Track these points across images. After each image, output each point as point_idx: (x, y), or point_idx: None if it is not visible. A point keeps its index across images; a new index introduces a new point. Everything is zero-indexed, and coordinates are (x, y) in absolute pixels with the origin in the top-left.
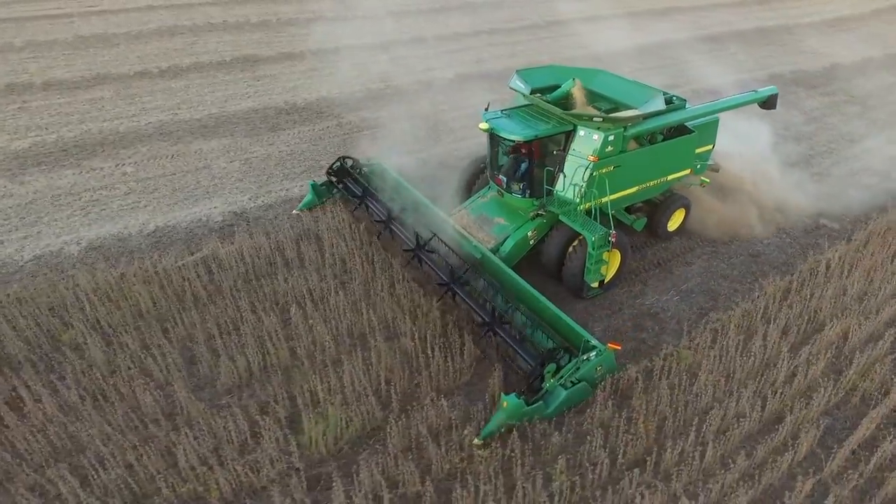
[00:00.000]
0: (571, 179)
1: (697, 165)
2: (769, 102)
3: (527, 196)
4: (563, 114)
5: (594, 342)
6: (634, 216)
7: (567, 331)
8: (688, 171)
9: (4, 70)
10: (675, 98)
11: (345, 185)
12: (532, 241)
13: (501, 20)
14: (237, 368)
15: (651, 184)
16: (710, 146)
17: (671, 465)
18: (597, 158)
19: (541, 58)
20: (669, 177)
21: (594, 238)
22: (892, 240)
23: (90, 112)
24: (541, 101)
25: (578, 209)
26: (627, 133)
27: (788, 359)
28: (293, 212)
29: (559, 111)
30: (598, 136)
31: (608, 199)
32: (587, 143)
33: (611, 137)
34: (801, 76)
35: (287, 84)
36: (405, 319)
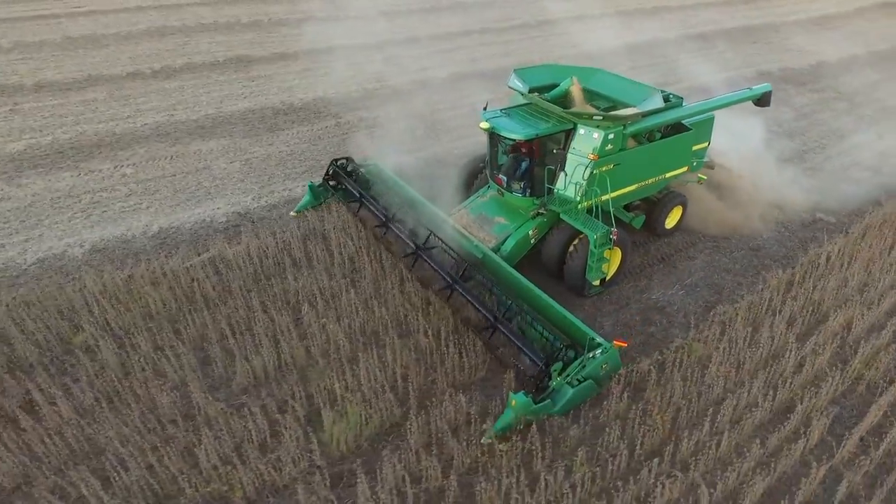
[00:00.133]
0: (572, 178)
1: (694, 163)
2: (763, 99)
3: (527, 195)
4: (564, 112)
5: (599, 340)
6: (633, 214)
7: (572, 329)
8: (685, 169)
9: None
10: (672, 96)
11: (343, 187)
12: (533, 240)
13: (492, 20)
14: (252, 368)
15: (650, 181)
16: (706, 143)
17: (688, 455)
18: (597, 157)
19: (533, 57)
20: (667, 174)
21: (596, 236)
22: (889, 232)
23: (84, 113)
24: (540, 100)
25: (579, 208)
26: (627, 131)
27: (795, 349)
28: (291, 213)
29: (559, 110)
30: (599, 135)
31: (608, 197)
32: (587, 142)
33: (611, 136)
34: (789, 73)
35: (282, 84)
36: (417, 316)
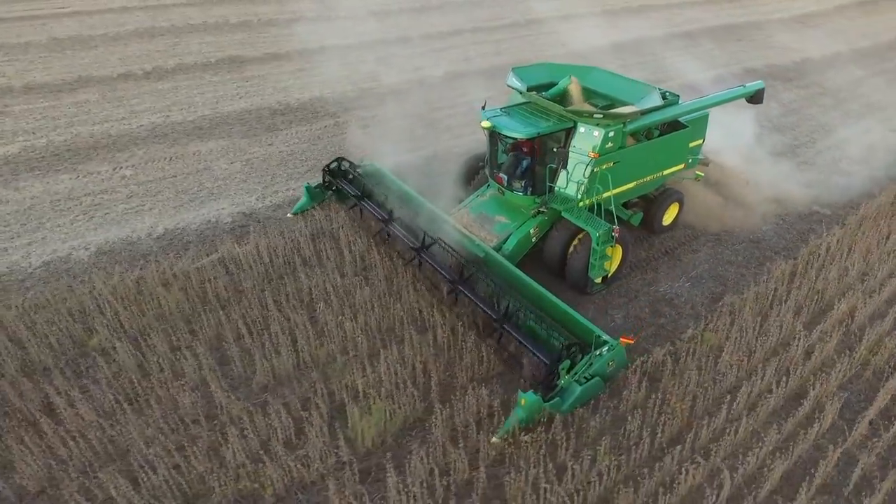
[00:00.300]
0: (572, 176)
1: (689, 160)
2: (756, 97)
3: (528, 193)
4: (564, 111)
5: (605, 337)
6: (631, 211)
7: (578, 327)
8: (682, 166)
9: None
10: (668, 94)
11: (340, 188)
12: (534, 239)
13: (482, 19)
14: (272, 366)
15: (648, 178)
16: (701, 140)
17: (707, 442)
18: (598, 155)
19: (525, 55)
20: (665, 171)
21: (598, 234)
22: (884, 223)
23: (77, 115)
24: (540, 99)
25: (580, 206)
26: (627, 129)
27: (803, 337)
28: (288, 215)
29: (559, 108)
30: (599, 133)
31: (609, 195)
32: (587, 140)
33: (611, 134)
34: (775, 70)
35: (277, 85)
36: (433, 312)
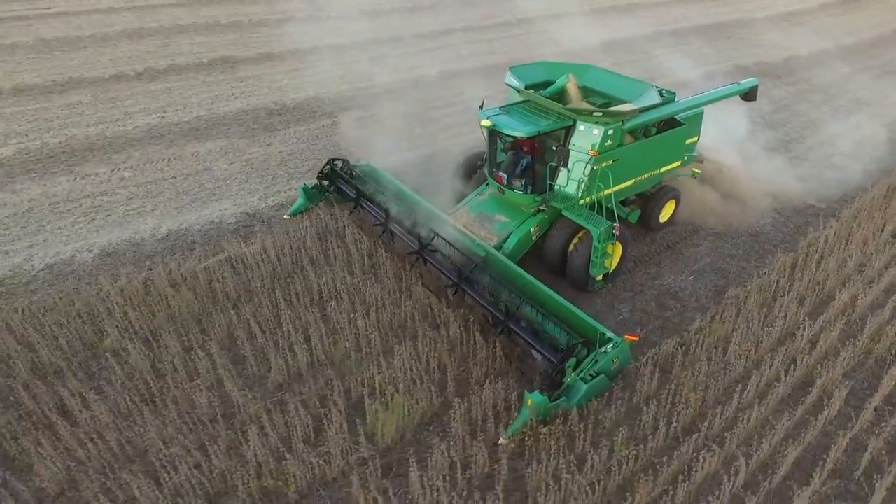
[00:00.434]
0: (572, 174)
1: (686, 157)
2: (750, 94)
3: (528, 192)
4: (563, 109)
5: (609, 335)
6: (629, 209)
7: (582, 324)
8: (679, 163)
9: None
10: (665, 91)
11: (337, 188)
12: (534, 237)
13: (473, 18)
14: (286, 364)
15: (646, 176)
16: (697, 137)
17: (720, 430)
18: (597, 153)
19: (518, 54)
20: (662, 169)
21: (599, 231)
22: (878, 215)
23: (70, 117)
24: (539, 97)
25: (580, 203)
26: (625, 127)
27: (808, 327)
28: (284, 216)
29: (559, 106)
30: (599, 131)
31: (609, 192)
32: (587, 138)
33: (610, 131)
34: (765, 67)
35: (272, 85)
36: (443, 308)
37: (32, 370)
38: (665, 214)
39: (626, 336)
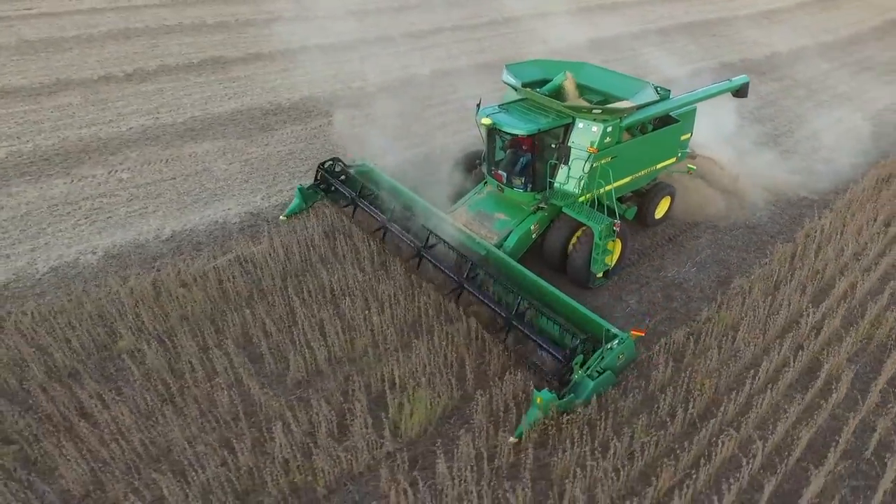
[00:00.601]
0: (572, 172)
1: (680, 153)
2: (742, 91)
3: (528, 190)
4: (563, 106)
5: (615, 331)
6: (625, 206)
7: (587, 322)
8: (674, 159)
9: None
10: (660, 89)
11: (334, 189)
12: (535, 235)
13: (461, 17)
14: (304, 361)
15: (643, 173)
16: (690, 134)
17: (735, 415)
18: (596, 150)
19: (508, 53)
20: (658, 165)
21: (601, 228)
22: (870, 206)
23: (61, 119)
24: (536, 95)
25: (580, 201)
26: (623, 124)
27: (811, 314)
28: (280, 218)
29: (558, 104)
30: (598, 128)
31: (609, 188)
32: (586, 135)
33: (609, 129)
34: (749, 64)
35: (265, 85)
36: (456, 304)
37: (47, 373)
38: (660, 211)
39: (632, 331)
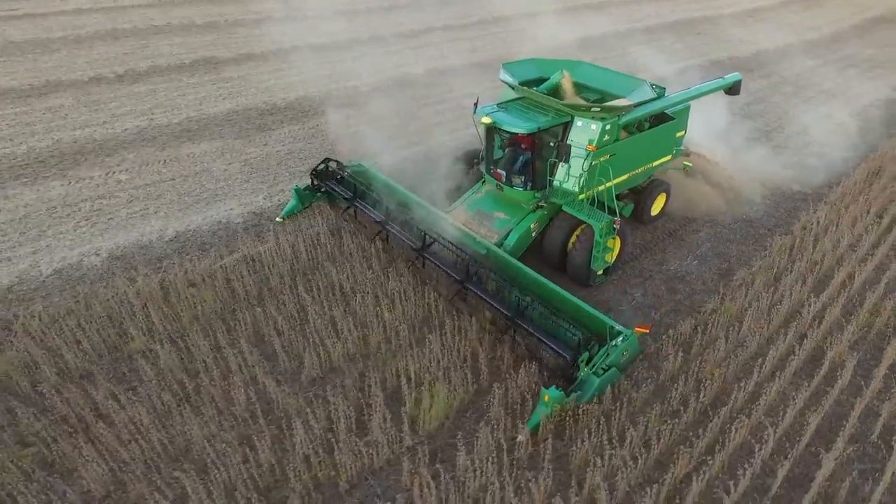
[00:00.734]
0: (571, 170)
1: (675, 150)
2: (734, 88)
3: (528, 188)
4: (561, 104)
5: (619, 328)
6: (622, 203)
7: (591, 319)
8: (669, 157)
9: None
10: (655, 87)
11: (332, 189)
12: (534, 234)
13: (451, 17)
14: (318, 358)
15: (640, 170)
16: (684, 131)
17: (745, 403)
18: (595, 147)
19: (500, 52)
20: (654, 163)
21: (601, 225)
22: (863, 198)
23: (54, 120)
24: (534, 94)
25: (580, 198)
26: (621, 122)
27: (813, 304)
28: (276, 219)
29: (557, 102)
30: (596, 126)
31: (610, 186)
32: (584, 133)
33: (607, 126)
34: (737, 62)
35: (259, 85)
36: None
37: (60, 374)
38: (657, 208)
39: (637, 328)
